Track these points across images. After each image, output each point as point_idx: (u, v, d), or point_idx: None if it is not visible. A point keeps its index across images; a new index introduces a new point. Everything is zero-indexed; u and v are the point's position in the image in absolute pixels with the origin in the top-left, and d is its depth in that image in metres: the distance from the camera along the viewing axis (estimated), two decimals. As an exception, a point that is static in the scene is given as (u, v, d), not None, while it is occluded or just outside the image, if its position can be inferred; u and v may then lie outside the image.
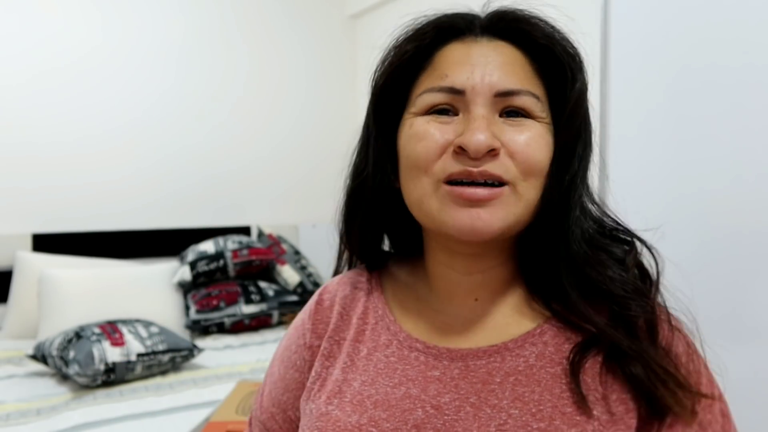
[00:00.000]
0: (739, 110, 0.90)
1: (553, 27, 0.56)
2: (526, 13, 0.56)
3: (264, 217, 3.15)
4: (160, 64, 2.86)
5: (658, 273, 0.56)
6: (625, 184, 0.81)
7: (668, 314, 0.56)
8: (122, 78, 2.76)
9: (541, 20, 0.56)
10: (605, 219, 0.59)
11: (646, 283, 0.56)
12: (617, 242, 0.57)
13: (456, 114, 0.54)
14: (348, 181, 0.63)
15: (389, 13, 3.10)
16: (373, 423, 0.53)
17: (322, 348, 0.61)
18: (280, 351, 0.67)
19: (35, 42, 2.55)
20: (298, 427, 0.62)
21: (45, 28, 2.57)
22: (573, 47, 0.56)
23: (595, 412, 0.49)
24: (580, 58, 0.56)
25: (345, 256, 0.68)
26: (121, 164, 2.76)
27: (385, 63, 0.58)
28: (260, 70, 3.15)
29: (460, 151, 0.51)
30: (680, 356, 0.53)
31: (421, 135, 0.53)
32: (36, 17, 2.55)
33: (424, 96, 0.55)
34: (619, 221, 0.59)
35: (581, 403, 0.50)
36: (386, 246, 0.67)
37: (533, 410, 0.50)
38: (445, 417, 0.52)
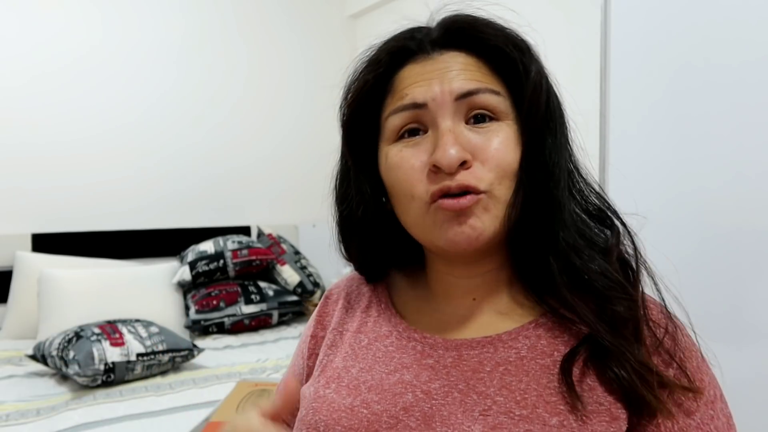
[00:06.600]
0: (738, 108, 0.90)
1: (499, 26, 0.57)
2: (470, 18, 0.57)
3: (264, 217, 3.15)
4: (160, 64, 2.86)
5: (638, 264, 0.56)
6: (625, 182, 0.81)
7: (662, 305, 0.57)
8: (122, 78, 2.76)
9: (487, 22, 0.56)
10: (593, 199, 0.59)
11: (628, 275, 0.56)
12: (603, 225, 0.58)
13: (425, 131, 0.55)
14: (335, 206, 0.66)
15: (389, 13, 3.10)
16: (364, 405, 0.55)
17: (326, 339, 0.66)
18: (298, 343, 0.73)
19: (35, 42, 2.55)
20: None
21: (45, 28, 2.57)
22: (522, 41, 0.56)
23: (579, 404, 0.50)
24: (530, 49, 0.56)
25: None
26: (120, 164, 2.76)
27: (348, 97, 0.60)
28: (260, 70, 3.15)
29: (436, 169, 0.53)
30: (678, 341, 0.54)
31: (398, 164, 0.56)
32: (36, 17, 2.55)
33: (390, 119, 0.57)
34: (606, 200, 0.59)
35: (568, 393, 0.50)
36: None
37: (518, 398, 0.51)
38: (433, 401, 0.54)
